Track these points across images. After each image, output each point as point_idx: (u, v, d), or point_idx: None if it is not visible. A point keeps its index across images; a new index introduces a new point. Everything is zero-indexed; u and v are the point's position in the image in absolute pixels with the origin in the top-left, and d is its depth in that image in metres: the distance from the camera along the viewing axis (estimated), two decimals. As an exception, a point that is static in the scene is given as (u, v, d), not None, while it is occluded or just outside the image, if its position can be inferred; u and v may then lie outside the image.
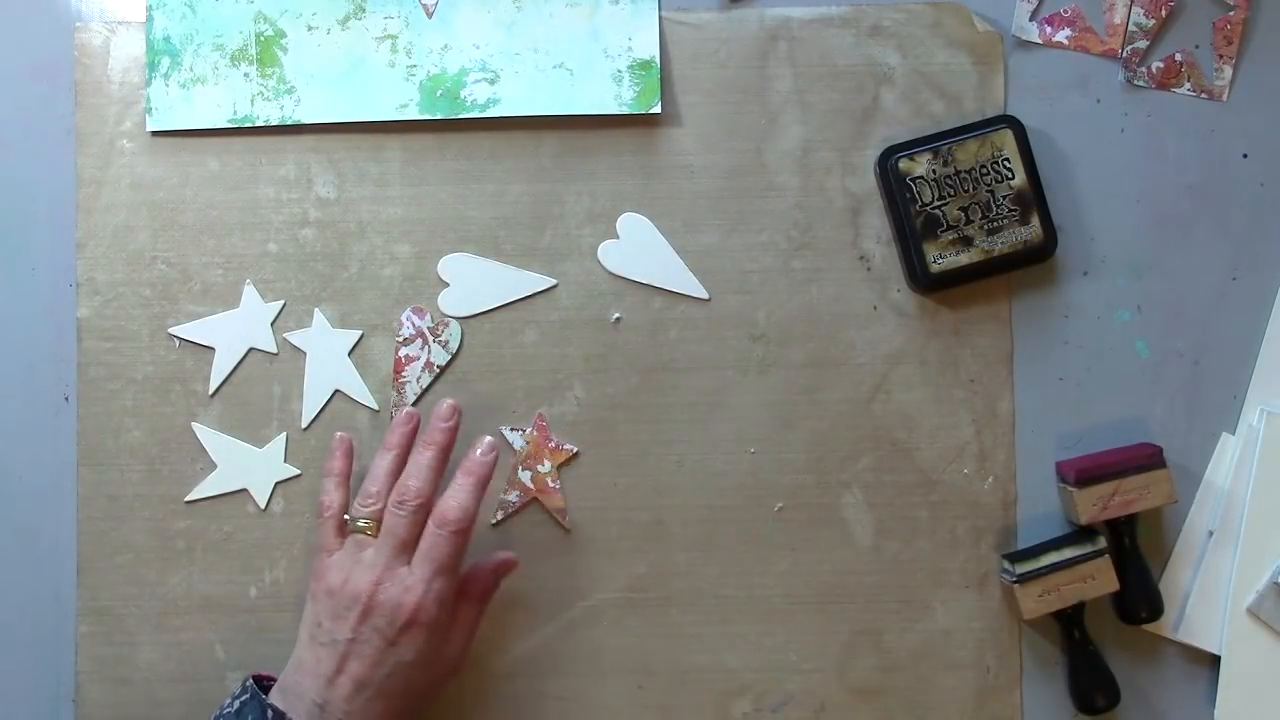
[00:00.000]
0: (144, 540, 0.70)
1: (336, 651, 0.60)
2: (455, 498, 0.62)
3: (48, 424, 0.71)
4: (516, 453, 0.69)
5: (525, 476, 0.69)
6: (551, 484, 0.69)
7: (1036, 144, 0.69)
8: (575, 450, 0.69)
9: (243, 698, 0.61)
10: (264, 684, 0.62)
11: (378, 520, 0.63)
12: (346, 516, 0.64)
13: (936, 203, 0.69)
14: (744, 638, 0.70)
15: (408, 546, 0.62)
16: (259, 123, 0.71)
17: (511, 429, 0.67)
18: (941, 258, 0.69)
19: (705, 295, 0.71)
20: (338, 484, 0.66)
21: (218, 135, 0.71)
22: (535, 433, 0.69)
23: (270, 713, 0.59)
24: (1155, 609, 0.68)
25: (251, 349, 0.71)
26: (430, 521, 0.62)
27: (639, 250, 0.71)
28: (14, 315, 0.71)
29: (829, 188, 0.71)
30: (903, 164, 0.69)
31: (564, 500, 0.69)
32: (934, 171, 0.68)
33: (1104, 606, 0.70)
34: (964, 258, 0.69)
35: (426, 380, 0.70)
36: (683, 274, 0.71)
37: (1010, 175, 0.69)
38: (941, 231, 0.69)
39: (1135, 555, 0.68)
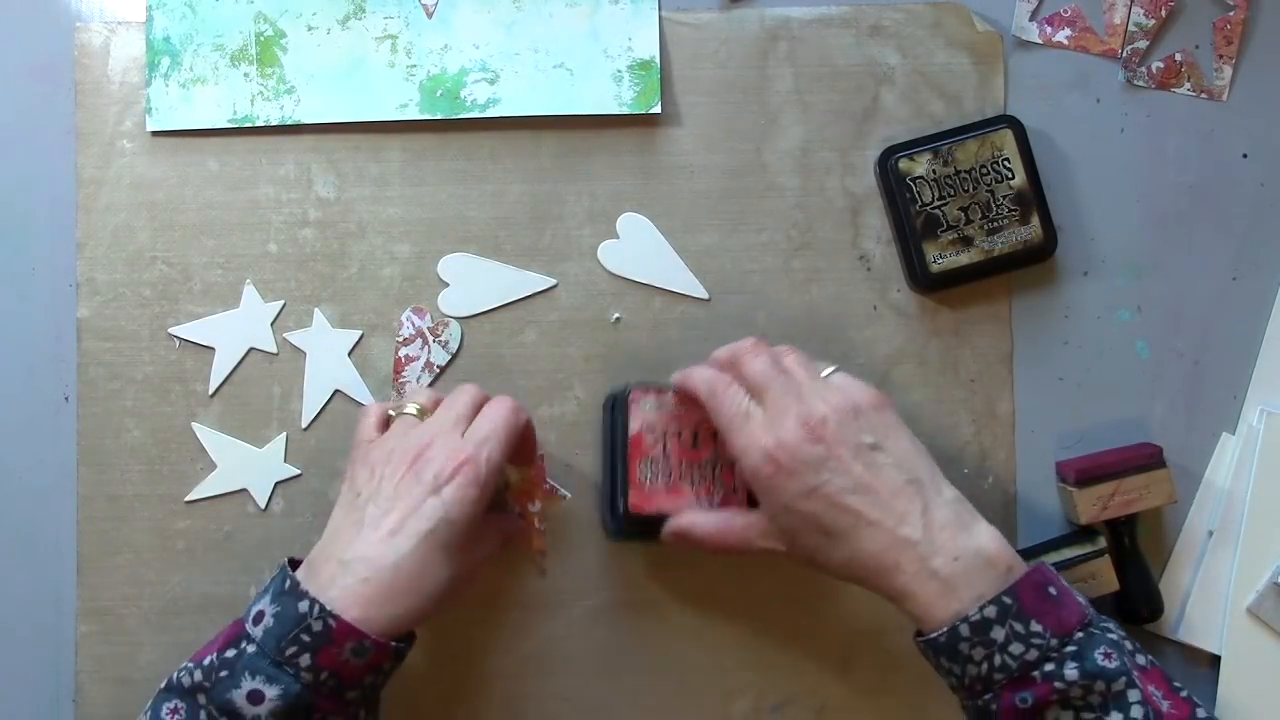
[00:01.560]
0: (144, 540, 0.70)
1: (379, 507, 0.58)
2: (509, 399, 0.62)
3: (48, 424, 0.71)
4: (510, 485, 0.68)
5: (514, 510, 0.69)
6: (539, 525, 0.69)
7: (1036, 144, 0.69)
8: (565, 495, 0.68)
9: (274, 574, 0.59)
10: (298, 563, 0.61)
11: (428, 410, 0.62)
12: (391, 411, 0.63)
13: (936, 203, 0.69)
14: (744, 638, 0.70)
15: (464, 420, 0.60)
16: (259, 123, 0.71)
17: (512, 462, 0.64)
18: (941, 257, 0.69)
19: (705, 295, 0.71)
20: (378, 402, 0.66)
21: (218, 135, 0.71)
22: (534, 472, 0.67)
23: (288, 581, 0.57)
24: (1155, 609, 0.68)
25: (251, 349, 0.71)
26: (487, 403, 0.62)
27: (639, 250, 0.71)
28: (14, 315, 0.71)
29: (829, 188, 0.71)
30: (903, 164, 0.69)
31: (546, 544, 0.69)
32: (934, 171, 0.68)
33: (1104, 606, 0.70)
34: (964, 257, 0.69)
35: (426, 380, 0.70)
36: (683, 274, 0.71)
37: (1010, 175, 0.69)
38: (941, 231, 0.69)
39: (1135, 555, 0.68)
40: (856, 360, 0.71)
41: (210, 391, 0.71)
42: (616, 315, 0.71)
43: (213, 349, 0.71)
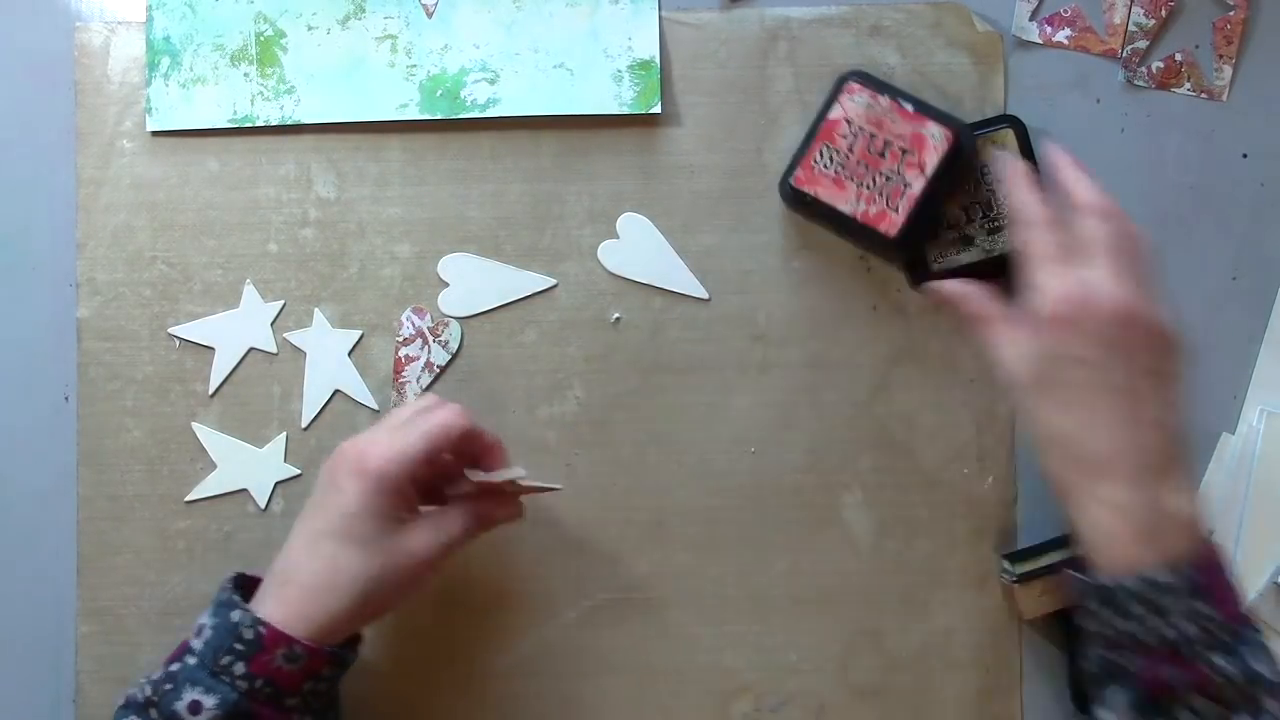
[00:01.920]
0: (144, 540, 0.70)
1: (304, 512, 0.60)
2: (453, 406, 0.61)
3: (48, 424, 0.71)
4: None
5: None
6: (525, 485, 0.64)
7: (1036, 144, 0.69)
8: (558, 488, 0.65)
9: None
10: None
11: None
12: None
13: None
14: (744, 638, 0.70)
15: (400, 426, 0.61)
16: (259, 123, 0.71)
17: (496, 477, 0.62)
18: (942, 257, 0.68)
19: (705, 295, 0.71)
20: None
21: (218, 135, 0.71)
22: (520, 485, 0.64)
23: (225, 595, 0.59)
24: None
25: (251, 349, 0.71)
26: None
27: (639, 250, 0.71)
28: (14, 315, 0.71)
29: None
30: None
31: (535, 484, 0.64)
32: (934, 171, 0.69)
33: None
34: (965, 257, 0.69)
35: (426, 380, 0.70)
36: (683, 274, 0.71)
37: (1011, 175, 0.68)
38: (942, 231, 0.69)
39: None
40: (856, 360, 0.71)
41: (210, 391, 0.71)
42: (616, 315, 0.71)
43: (213, 349, 0.71)
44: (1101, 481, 0.55)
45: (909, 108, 0.66)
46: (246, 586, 0.60)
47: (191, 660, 0.57)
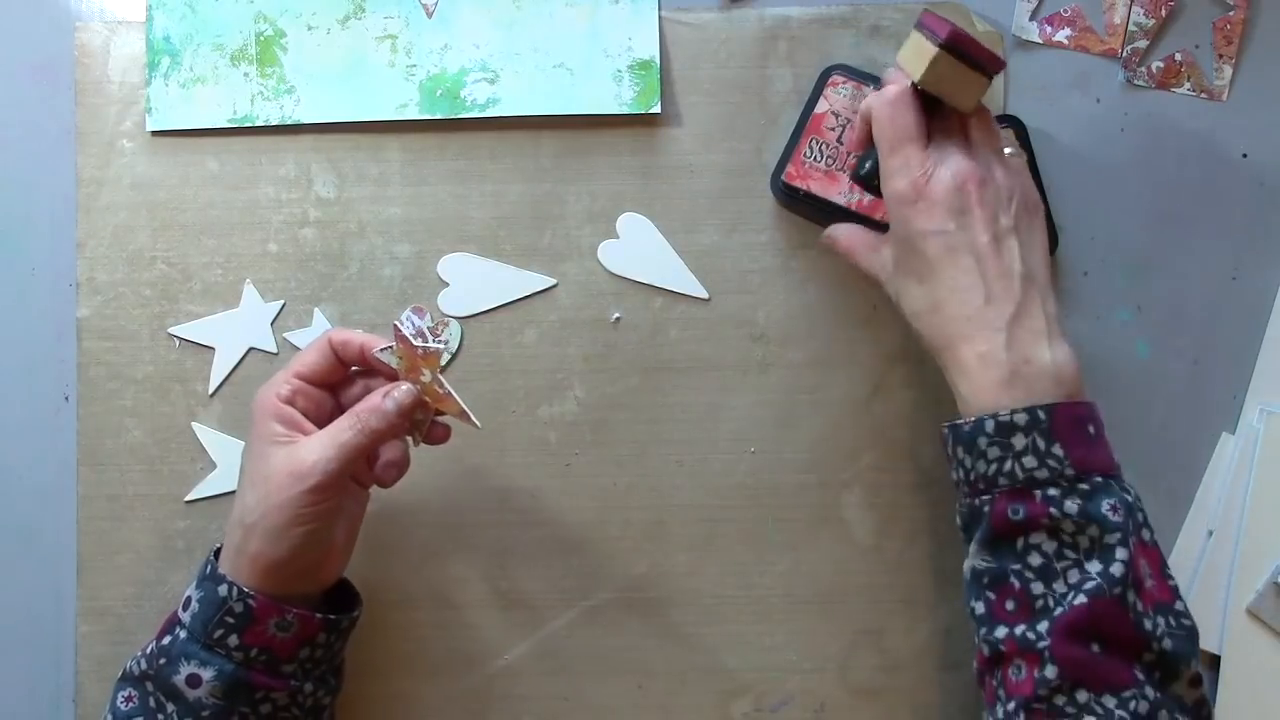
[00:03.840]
0: (144, 540, 0.70)
1: None
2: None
3: (48, 424, 0.71)
4: (397, 370, 0.61)
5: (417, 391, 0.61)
6: (441, 390, 0.60)
7: (1036, 144, 0.69)
8: (442, 346, 0.61)
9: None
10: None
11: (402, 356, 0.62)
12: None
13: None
14: (744, 638, 0.70)
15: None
16: (259, 123, 0.71)
17: (380, 350, 0.60)
18: None
19: (705, 295, 0.71)
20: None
21: (218, 135, 0.71)
22: (401, 345, 0.60)
23: (209, 567, 0.59)
24: None
25: (251, 349, 0.71)
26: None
27: (639, 250, 0.71)
28: (14, 315, 0.71)
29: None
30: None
31: (460, 401, 0.60)
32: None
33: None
34: None
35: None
36: (683, 274, 0.71)
37: (1010, 175, 0.68)
38: None
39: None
40: (856, 360, 0.71)
41: (210, 391, 0.71)
42: (616, 315, 0.71)
43: (213, 349, 0.71)
44: (965, 339, 0.58)
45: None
46: None
47: (182, 634, 0.58)
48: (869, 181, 0.63)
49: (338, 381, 0.62)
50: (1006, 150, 0.62)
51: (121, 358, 0.71)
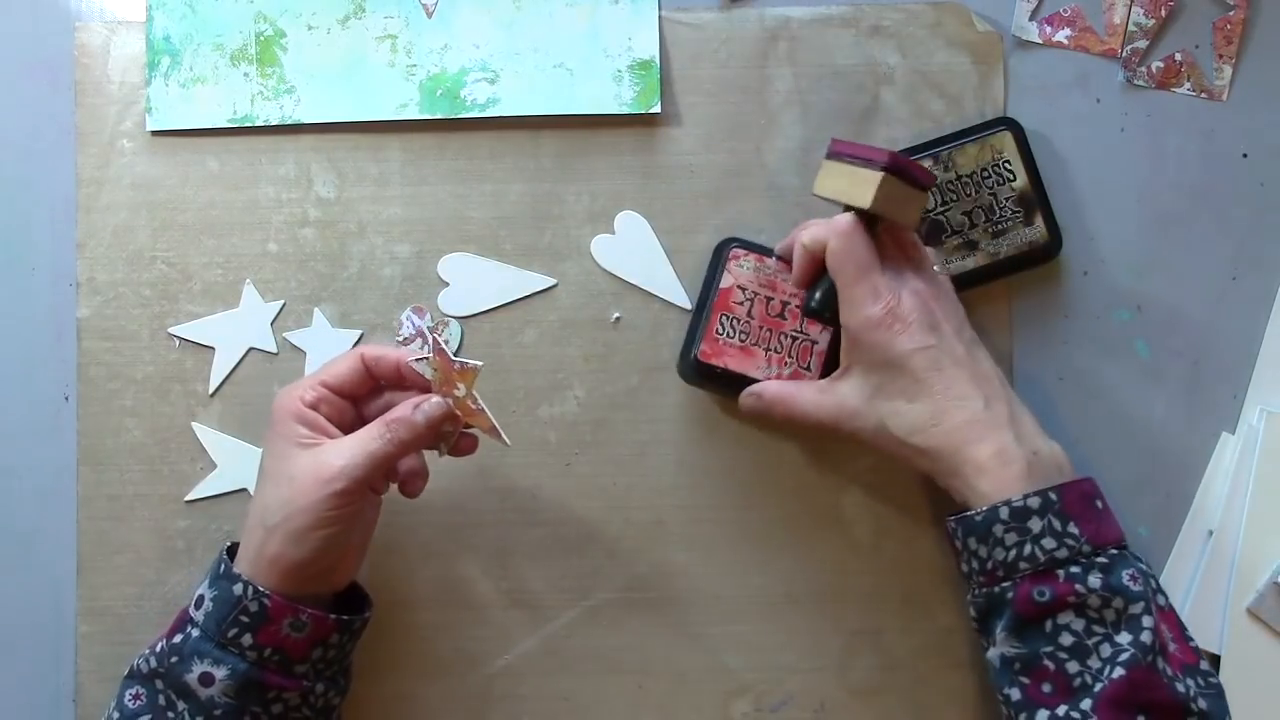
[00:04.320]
0: (144, 540, 0.70)
1: None
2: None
3: (48, 424, 0.71)
4: (431, 382, 0.61)
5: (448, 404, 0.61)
6: (474, 406, 0.61)
7: (1036, 145, 0.69)
8: (479, 365, 0.60)
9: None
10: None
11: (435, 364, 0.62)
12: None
13: (939, 209, 0.69)
14: (744, 638, 0.70)
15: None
16: (259, 122, 0.71)
17: (415, 360, 0.61)
18: (948, 263, 0.68)
19: (688, 305, 0.70)
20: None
21: (218, 135, 0.71)
22: (438, 359, 0.60)
23: (223, 565, 0.59)
24: None
25: (251, 349, 0.71)
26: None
27: (632, 249, 0.71)
28: (14, 315, 0.71)
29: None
30: None
31: (491, 418, 0.61)
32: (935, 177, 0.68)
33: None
34: (970, 262, 0.69)
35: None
36: (669, 280, 0.71)
37: (1012, 177, 0.69)
38: (946, 237, 0.69)
39: None
40: (856, 360, 0.71)
41: (210, 391, 0.71)
42: (616, 315, 0.71)
43: (213, 349, 0.71)
44: (981, 439, 0.58)
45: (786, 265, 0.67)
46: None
47: (195, 632, 0.58)
48: (821, 314, 0.63)
49: (362, 395, 0.62)
50: (939, 271, 0.64)
51: (121, 358, 0.71)
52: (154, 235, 0.71)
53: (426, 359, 0.60)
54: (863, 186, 0.60)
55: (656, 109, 0.71)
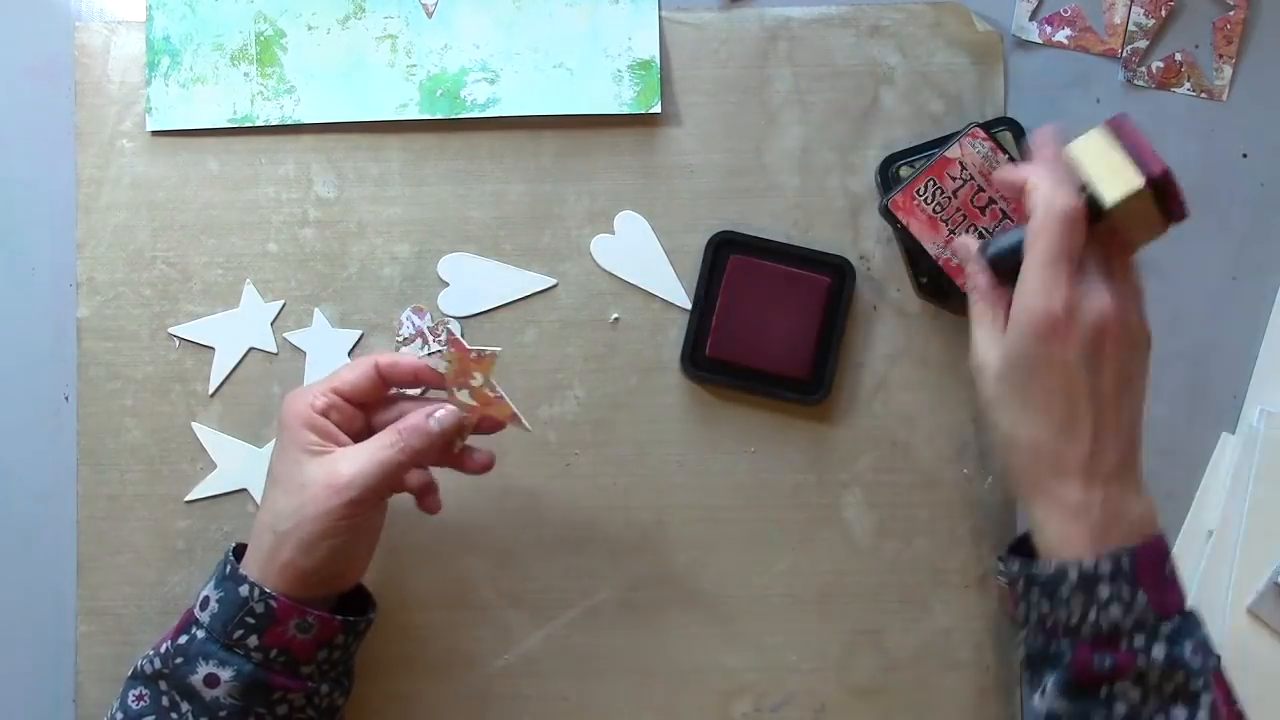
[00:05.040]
0: (144, 540, 0.70)
1: None
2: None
3: (48, 424, 0.71)
4: (444, 376, 0.61)
5: (464, 395, 0.61)
6: (492, 395, 0.61)
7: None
8: (496, 351, 0.60)
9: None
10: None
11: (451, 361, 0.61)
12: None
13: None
14: (744, 638, 0.70)
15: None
16: (259, 123, 0.71)
17: (430, 353, 0.61)
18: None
19: (688, 305, 0.70)
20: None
21: (218, 135, 0.71)
22: (454, 349, 0.60)
23: (229, 566, 0.59)
24: None
25: (251, 349, 0.71)
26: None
27: (632, 249, 0.71)
28: (14, 315, 0.71)
29: (829, 188, 0.71)
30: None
31: (511, 404, 0.61)
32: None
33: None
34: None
35: (426, 380, 0.70)
36: (670, 280, 0.71)
37: (1011, 175, 0.68)
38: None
39: None
40: (856, 360, 0.71)
41: (210, 391, 0.71)
42: (616, 315, 0.71)
43: (213, 349, 0.71)
44: (1062, 482, 0.55)
45: None
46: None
47: (200, 633, 0.58)
48: (998, 264, 0.59)
49: (373, 403, 0.62)
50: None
51: (121, 358, 0.71)
52: (154, 235, 0.71)
53: (440, 351, 0.60)
54: (1116, 181, 0.55)
55: (656, 109, 0.71)
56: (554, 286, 0.71)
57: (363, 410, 0.62)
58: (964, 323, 0.70)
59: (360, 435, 0.60)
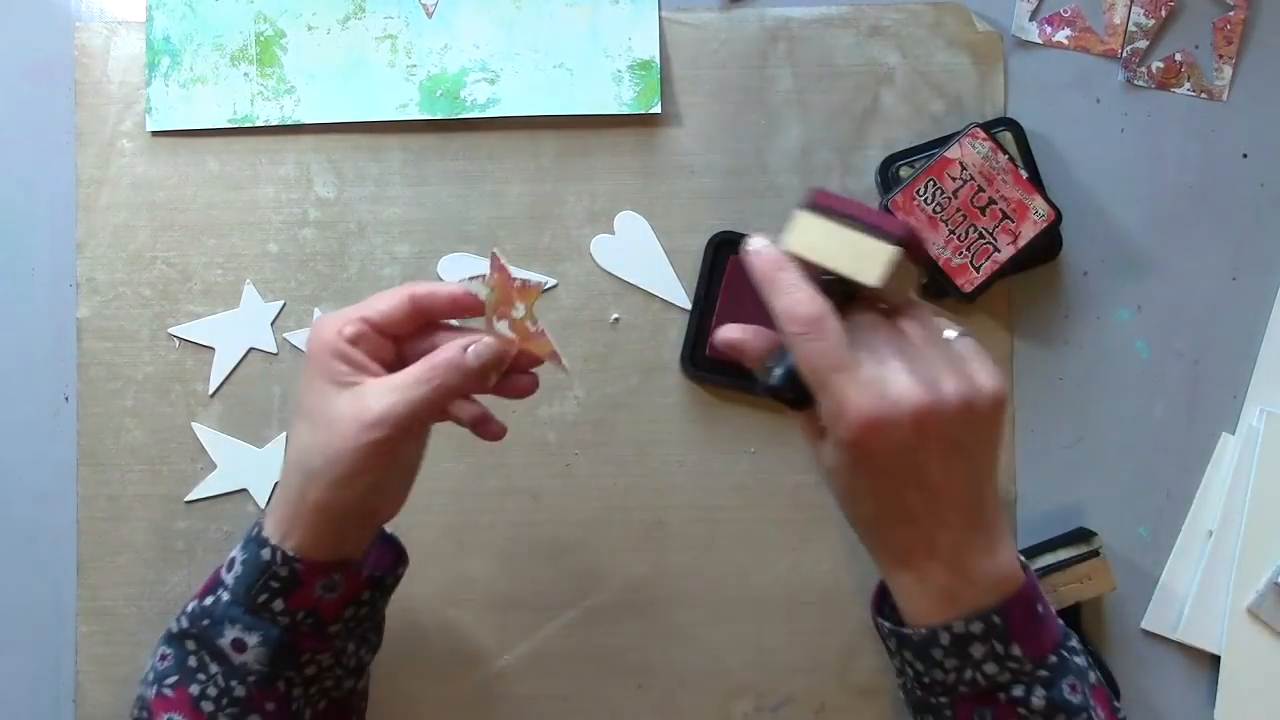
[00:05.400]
0: (144, 540, 0.70)
1: None
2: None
3: (48, 424, 0.71)
4: (485, 303, 0.57)
5: (503, 327, 0.56)
6: (533, 328, 0.56)
7: (1036, 145, 0.69)
8: (545, 284, 0.56)
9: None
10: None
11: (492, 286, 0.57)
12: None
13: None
14: (744, 638, 0.70)
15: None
16: (259, 123, 0.71)
17: (470, 277, 0.57)
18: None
19: (687, 305, 0.70)
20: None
21: (218, 135, 0.71)
22: (497, 275, 0.56)
23: (255, 528, 0.57)
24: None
25: (251, 349, 0.71)
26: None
27: (632, 249, 0.71)
28: (14, 315, 0.71)
29: (829, 188, 0.71)
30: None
31: (552, 342, 0.56)
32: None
33: (1102, 606, 0.70)
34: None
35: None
36: (670, 280, 0.71)
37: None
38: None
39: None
40: (856, 360, 0.71)
41: (210, 391, 0.71)
42: (616, 315, 0.71)
43: (213, 349, 0.71)
44: (915, 561, 0.52)
45: (1024, 174, 0.66)
46: None
47: (225, 595, 0.56)
48: (780, 392, 0.52)
49: (405, 335, 0.57)
50: (949, 334, 0.53)
51: (121, 358, 0.71)
52: (154, 235, 0.71)
53: (482, 276, 0.56)
54: (867, 258, 0.50)
55: (656, 109, 0.71)
56: (554, 286, 0.71)
57: (394, 341, 0.57)
58: (965, 322, 0.70)
59: (392, 367, 0.56)
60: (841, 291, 0.51)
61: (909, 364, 0.50)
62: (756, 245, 0.52)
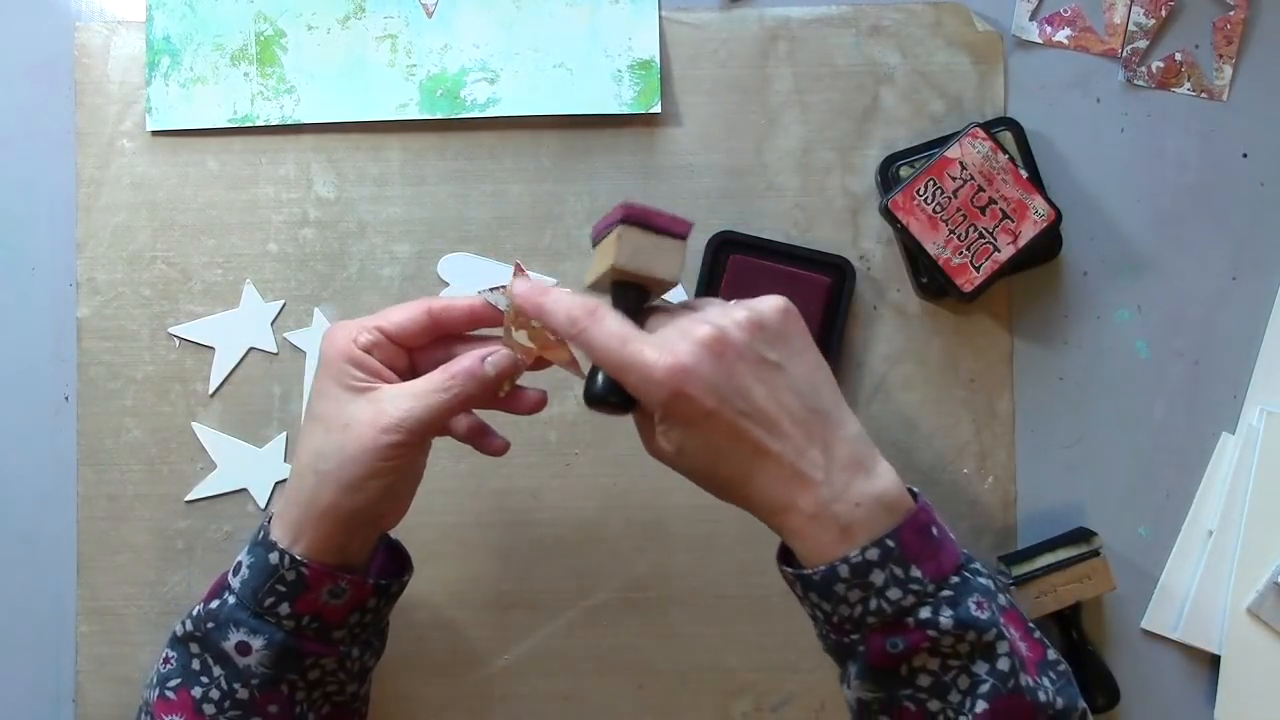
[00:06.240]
0: (144, 540, 0.70)
1: None
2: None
3: (48, 424, 0.71)
4: (504, 314, 0.58)
5: (521, 336, 0.58)
6: (552, 338, 0.57)
7: (1036, 145, 0.69)
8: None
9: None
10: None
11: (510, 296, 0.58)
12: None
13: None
14: (744, 638, 0.70)
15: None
16: (259, 122, 0.71)
17: (491, 289, 0.58)
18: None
19: None
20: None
21: (218, 135, 0.71)
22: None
23: (261, 532, 0.58)
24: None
25: (251, 349, 0.71)
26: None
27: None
28: (14, 315, 0.71)
29: (829, 188, 0.71)
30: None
31: (569, 350, 0.58)
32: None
33: (1102, 606, 0.70)
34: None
35: (426, 380, 0.70)
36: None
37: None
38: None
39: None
40: (856, 360, 0.71)
41: (210, 391, 0.71)
42: (616, 315, 0.71)
43: (213, 349, 0.71)
44: (792, 503, 0.52)
45: (1024, 174, 0.66)
46: None
47: (231, 599, 0.57)
48: (606, 398, 0.55)
49: (418, 345, 0.58)
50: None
51: (121, 358, 0.71)
52: (154, 235, 0.71)
53: (502, 288, 0.57)
54: (606, 251, 0.54)
55: (656, 109, 0.71)
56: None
57: (407, 351, 0.58)
58: (965, 322, 0.71)
59: (404, 376, 0.57)
60: (635, 298, 0.55)
61: (692, 315, 0.53)
62: (515, 288, 0.56)
